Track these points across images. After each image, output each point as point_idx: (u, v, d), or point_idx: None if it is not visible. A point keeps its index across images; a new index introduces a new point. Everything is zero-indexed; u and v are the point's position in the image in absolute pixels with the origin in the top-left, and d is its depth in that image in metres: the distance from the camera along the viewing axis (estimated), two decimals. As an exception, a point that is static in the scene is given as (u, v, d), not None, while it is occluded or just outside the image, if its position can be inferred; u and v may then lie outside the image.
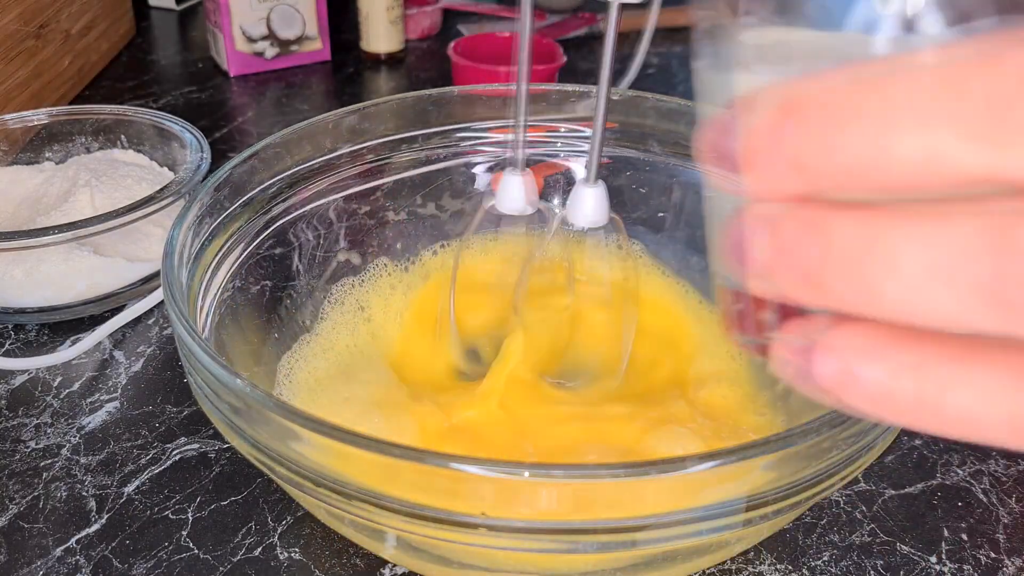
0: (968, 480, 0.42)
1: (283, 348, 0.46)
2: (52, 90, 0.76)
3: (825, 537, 0.39)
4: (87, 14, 0.83)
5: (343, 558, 0.39)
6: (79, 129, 0.64)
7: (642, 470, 0.28)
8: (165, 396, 0.48)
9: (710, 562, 0.36)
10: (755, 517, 0.30)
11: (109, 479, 0.43)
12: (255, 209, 0.45)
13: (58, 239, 0.50)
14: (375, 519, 0.30)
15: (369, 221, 0.51)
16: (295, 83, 0.87)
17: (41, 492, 0.42)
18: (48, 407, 0.47)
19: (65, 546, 0.40)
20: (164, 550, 0.39)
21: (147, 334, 0.53)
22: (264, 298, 0.46)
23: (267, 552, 0.39)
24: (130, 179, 0.58)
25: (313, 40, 0.89)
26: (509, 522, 0.29)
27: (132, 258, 0.54)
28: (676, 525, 0.29)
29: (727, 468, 0.29)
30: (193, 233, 0.40)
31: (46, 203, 0.57)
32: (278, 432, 0.31)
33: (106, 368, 0.50)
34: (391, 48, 0.89)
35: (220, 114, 0.81)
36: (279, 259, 0.47)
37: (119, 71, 0.88)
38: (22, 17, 0.71)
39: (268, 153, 0.45)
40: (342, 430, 0.29)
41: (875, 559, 0.38)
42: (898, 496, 0.41)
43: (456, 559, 0.34)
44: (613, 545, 0.30)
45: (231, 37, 0.85)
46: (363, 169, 0.49)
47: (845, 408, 0.16)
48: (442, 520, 0.30)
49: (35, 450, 0.45)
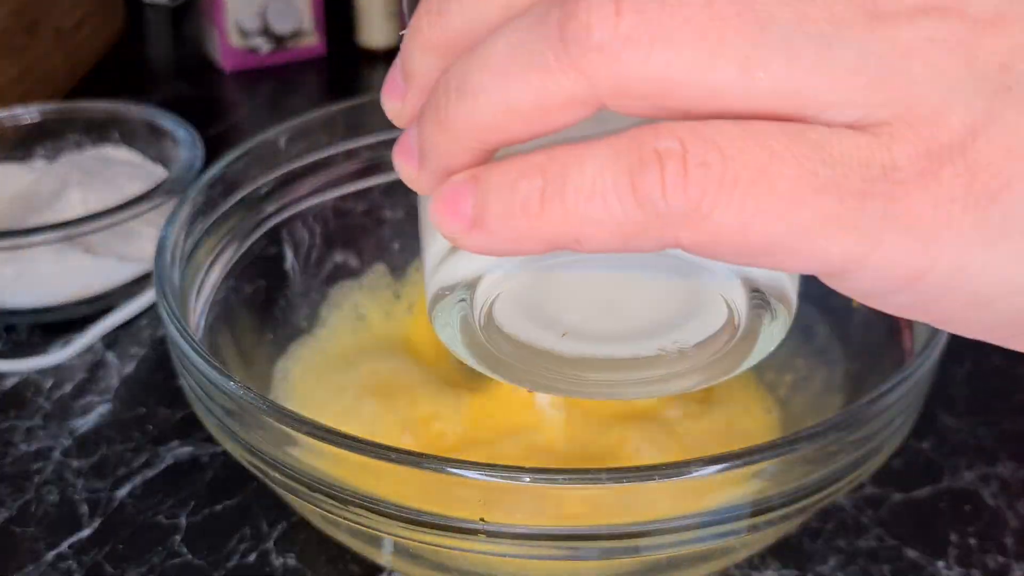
0: (976, 484, 0.41)
1: (278, 350, 0.46)
2: (43, 87, 0.76)
3: (831, 542, 0.39)
4: (79, 10, 0.82)
5: (339, 564, 0.38)
6: (71, 126, 0.63)
7: (646, 475, 0.28)
8: (158, 398, 0.47)
9: (714, 568, 0.36)
10: (760, 522, 0.29)
11: (101, 483, 0.42)
12: (249, 207, 0.44)
13: (49, 238, 0.50)
14: (371, 524, 0.30)
15: (365, 219, 0.50)
16: (290, 79, 0.86)
17: (32, 496, 0.42)
18: (39, 409, 0.47)
19: (57, 551, 0.39)
20: (157, 555, 0.39)
21: (140, 335, 0.52)
22: (258, 299, 0.45)
23: (261, 558, 0.38)
24: (123, 177, 0.57)
25: (309, 35, 0.88)
26: (509, 528, 0.29)
27: (125, 258, 0.54)
28: (680, 531, 0.29)
29: (732, 473, 0.28)
30: (186, 232, 0.40)
31: (37, 202, 0.56)
32: (272, 436, 0.30)
33: (98, 370, 0.49)
34: (388, 43, 0.88)
35: (214, 111, 0.80)
36: (273, 259, 0.46)
37: (111, 67, 0.88)
38: (13, 13, 0.70)
39: (262, 150, 0.45)
40: (337, 433, 0.29)
41: (882, 564, 0.38)
42: (905, 500, 0.41)
43: (454, 565, 0.34)
44: (616, 551, 0.29)
45: (225, 32, 0.85)
46: (359, 166, 0.49)
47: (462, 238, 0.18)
48: (440, 526, 0.29)
49: (26, 453, 0.44)
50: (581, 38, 0.15)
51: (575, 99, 0.16)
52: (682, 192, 0.15)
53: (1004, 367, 0.48)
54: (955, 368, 0.48)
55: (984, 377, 0.48)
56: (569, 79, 0.16)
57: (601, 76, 0.16)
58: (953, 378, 0.47)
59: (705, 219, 0.15)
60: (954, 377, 0.48)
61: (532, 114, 0.17)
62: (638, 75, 0.16)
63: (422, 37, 0.18)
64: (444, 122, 0.18)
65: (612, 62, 0.15)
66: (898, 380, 0.31)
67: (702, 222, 0.16)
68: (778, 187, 0.15)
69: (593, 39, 0.15)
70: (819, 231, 0.15)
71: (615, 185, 0.16)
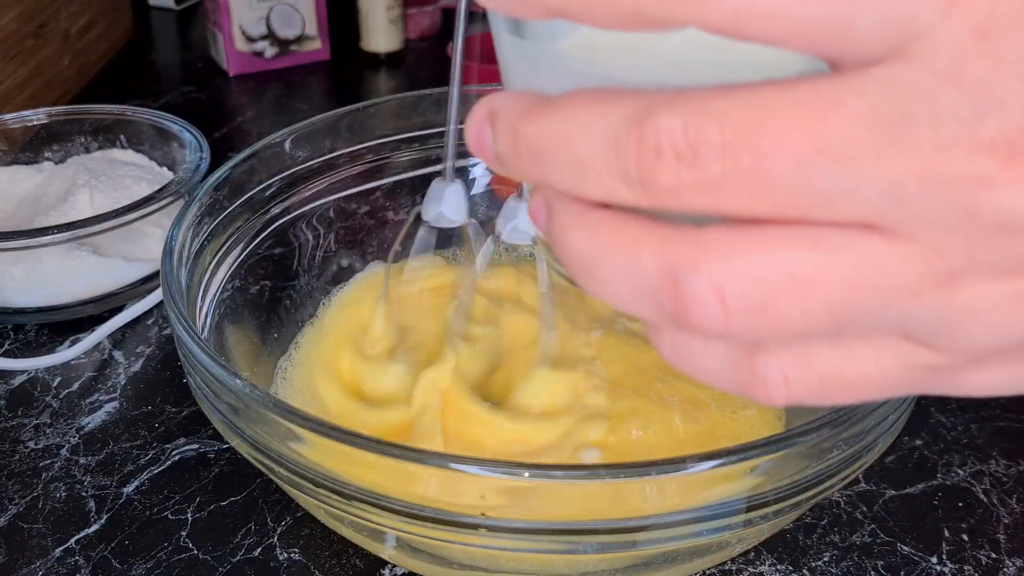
0: (969, 480, 0.42)
1: (282, 348, 0.46)
2: (51, 90, 0.76)
3: (826, 537, 0.39)
4: (86, 14, 0.83)
5: (343, 559, 0.39)
6: (78, 129, 0.63)
7: (642, 470, 0.28)
8: (164, 396, 0.48)
9: (710, 562, 0.36)
10: (756, 517, 0.30)
11: (108, 479, 0.43)
12: (254, 209, 0.45)
13: (57, 239, 0.50)
14: (375, 519, 0.30)
15: (369, 221, 0.51)
16: (294, 83, 0.87)
17: (40, 492, 0.42)
18: (47, 407, 0.47)
19: (64, 546, 0.40)
20: (163, 551, 0.39)
21: (146, 334, 0.52)
22: (263, 298, 0.46)
23: (267, 553, 0.39)
24: (129, 179, 0.58)
25: (313, 40, 0.89)
26: (509, 522, 0.29)
27: (131, 258, 0.54)
28: (677, 525, 0.29)
29: (728, 469, 0.29)
30: (192, 233, 0.40)
31: (45, 203, 0.57)
32: (277, 432, 0.31)
33: (105, 368, 0.50)
34: (391, 48, 0.89)
35: (219, 114, 0.81)
36: (278, 259, 0.47)
37: (118, 71, 0.88)
38: (21, 17, 0.71)
39: (267, 153, 0.45)
40: (341, 430, 0.29)
41: (876, 559, 0.38)
42: (899, 496, 0.41)
43: (456, 559, 0.34)
44: (613, 546, 0.30)
45: (231, 37, 0.85)
46: (363, 169, 0.49)
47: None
48: (442, 520, 0.30)
49: (34, 450, 0.45)
50: (692, 326, 0.18)
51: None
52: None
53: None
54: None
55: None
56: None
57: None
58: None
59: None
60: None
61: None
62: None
63: (520, 171, 0.20)
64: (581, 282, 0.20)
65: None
66: (890, 377, 0.31)
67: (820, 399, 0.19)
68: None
69: (700, 327, 0.18)
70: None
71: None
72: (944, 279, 0.17)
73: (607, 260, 0.19)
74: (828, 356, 0.18)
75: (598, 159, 0.18)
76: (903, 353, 0.18)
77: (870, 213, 0.17)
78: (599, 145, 0.18)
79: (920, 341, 0.18)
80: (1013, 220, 0.16)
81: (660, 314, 0.18)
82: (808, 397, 0.19)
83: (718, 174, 0.17)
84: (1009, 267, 0.16)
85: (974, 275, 0.17)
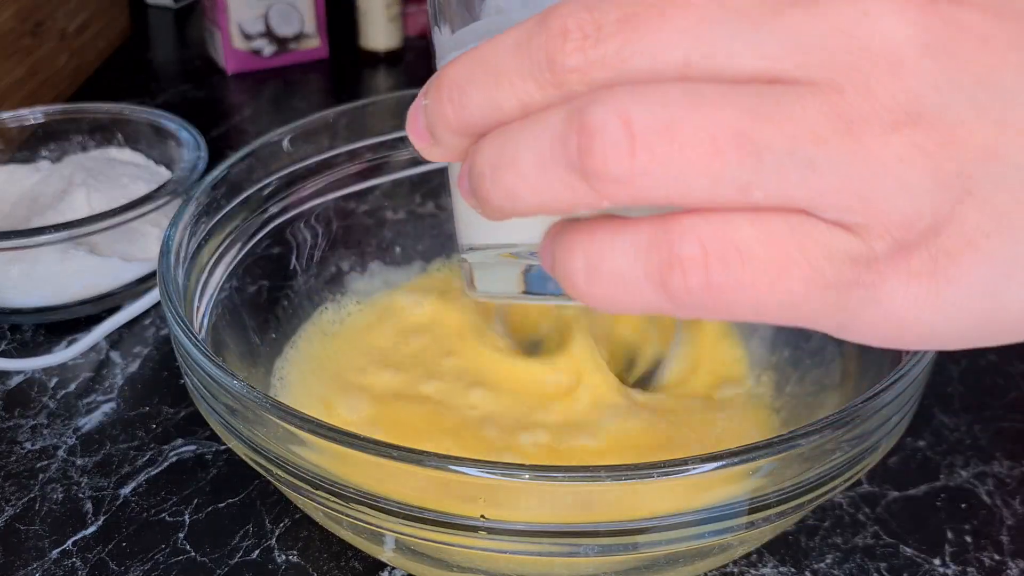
0: (972, 482, 0.42)
1: (280, 349, 0.46)
2: (48, 88, 0.76)
3: (828, 539, 0.39)
4: (83, 12, 0.83)
5: (341, 561, 0.38)
6: (75, 128, 0.63)
7: (644, 472, 0.28)
8: (162, 397, 0.48)
9: (712, 565, 0.36)
10: (758, 519, 0.30)
11: (105, 481, 0.43)
12: (252, 208, 0.45)
13: (54, 239, 0.50)
14: (373, 521, 0.30)
15: (368, 220, 0.51)
16: (293, 81, 0.87)
17: (37, 494, 0.42)
18: (44, 408, 0.47)
19: (61, 548, 0.39)
20: (161, 552, 0.39)
21: (144, 335, 0.52)
22: (261, 298, 0.46)
23: (264, 555, 0.39)
24: (127, 178, 0.58)
25: (311, 38, 0.89)
26: (509, 524, 0.29)
27: (129, 258, 0.54)
28: (678, 528, 0.29)
29: (729, 470, 0.28)
30: (190, 232, 0.40)
31: (42, 202, 0.57)
32: (275, 434, 0.31)
33: (102, 369, 0.50)
34: (390, 46, 0.88)
35: (217, 112, 0.81)
36: (276, 259, 0.47)
37: (115, 69, 0.88)
38: (18, 15, 0.71)
39: (265, 151, 0.45)
40: (340, 431, 0.29)
41: (878, 561, 0.38)
42: (902, 498, 0.41)
43: (455, 562, 0.34)
44: (615, 548, 0.29)
45: (228, 35, 0.85)
46: (361, 168, 0.49)
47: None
48: (441, 522, 0.29)
49: (31, 451, 0.44)
50: (599, 172, 0.18)
51: (597, 207, 0.19)
52: (706, 292, 0.19)
53: (999, 365, 0.48)
54: (951, 366, 0.48)
55: (980, 375, 0.48)
56: (591, 198, 0.19)
57: (619, 197, 0.19)
58: (949, 376, 0.48)
59: (725, 313, 0.19)
60: (950, 375, 0.48)
61: (560, 212, 0.20)
62: (650, 197, 0.18)
63: (444, 120, 0.21)
64: (483, 203, 0.21)
65: (627, 188, 0.18)
66: (894, 378, 0.31)
67: (722, 314, 0.19)
68: (794, 289, 0.19)
69: (611, 174, 0.18)
70: (823, 313, 0.19)
71: (646, 278, 0.19)
72: (845, 123, 0.18)
73: (517, 134, 0.19)
74: (747, 230, 0.19)
75: (509, 63, 0.19)
76: (821, 236, 0.18)
77: (771, 65, 0.18)
78: (511, 49, 0.19)
79: (835, 220, 0.18)
80: (900, 51, 0.17)
81: (566, 161, 0.19)
82: (728, 285, 0.19)
83: (621, 43, 0.18)
84: (906, 112, 0.18)
85: (876, 121, 0.18)
